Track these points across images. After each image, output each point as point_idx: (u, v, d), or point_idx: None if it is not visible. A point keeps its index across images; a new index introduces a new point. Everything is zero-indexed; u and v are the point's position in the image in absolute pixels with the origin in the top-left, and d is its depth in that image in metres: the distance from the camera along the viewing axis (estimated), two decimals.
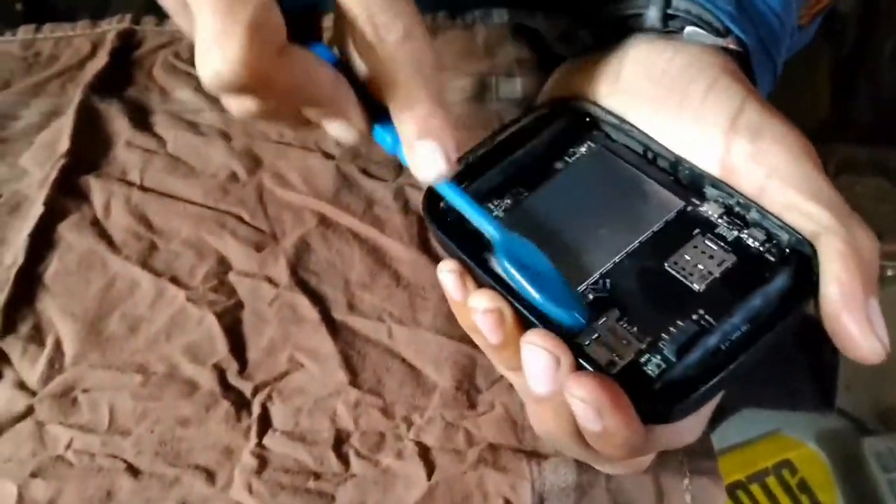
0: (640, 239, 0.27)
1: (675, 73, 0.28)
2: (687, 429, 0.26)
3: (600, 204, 0.28)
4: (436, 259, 0.37)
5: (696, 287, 0.25)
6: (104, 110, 0.43)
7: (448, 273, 0.25)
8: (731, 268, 0.25)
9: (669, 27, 0.31)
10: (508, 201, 0.29)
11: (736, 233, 0.26)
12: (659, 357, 0.24)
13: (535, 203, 0.28)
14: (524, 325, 0.24)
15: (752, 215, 0.26)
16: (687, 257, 0.26)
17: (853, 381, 0.71)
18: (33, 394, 0.33)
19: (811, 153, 0.26)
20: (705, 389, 0.22)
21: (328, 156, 0.41)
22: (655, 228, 0.27)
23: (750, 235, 0.26)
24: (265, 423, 0.32)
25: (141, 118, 0.43)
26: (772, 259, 0.25)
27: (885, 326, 0.23)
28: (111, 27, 0.48)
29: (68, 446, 0.32)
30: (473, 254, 0.26)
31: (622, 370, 0.23)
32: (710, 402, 0.25)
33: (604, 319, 0.25)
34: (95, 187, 0.40)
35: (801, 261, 0.25)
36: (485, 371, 0.33)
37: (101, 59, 0.46)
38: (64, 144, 0.41)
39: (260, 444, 0.31)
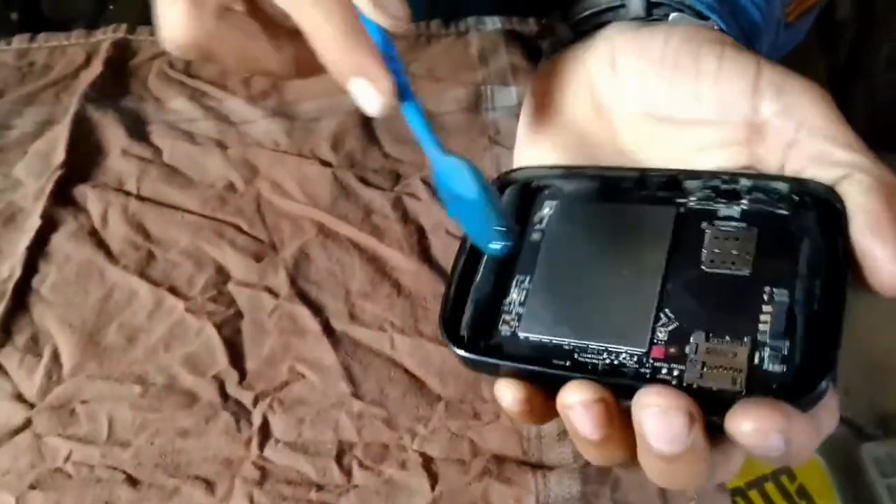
0: (665, 260, 0.25)
1: (675, 52, 0.28)
2: (835, 410, 0.23)
3: (601, 250, 0.27)
4: (437, 268, 0.36)
5: (745, 272, 0.24)
6: (99, 120, 0.43)
7: (515, 400, 0.24)
8: (760, 238, 0.25)
9: (654, 15, 0.30)
10: (517, 296, 0.27)
11: (739, 207, 0.26)
12: (769, 350, 0.22)
13: (543, 282, 0.27)
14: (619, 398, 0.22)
15: (743, 184, 0.26)
16: (715, 251, 0.25)
17: (852, 386, 0.71)
18: (31, 406, 0.33)
19: (833, 103, 0.25)
20: (834, 349, 0.21)
21: (324, 163, 0.41)
22: (669, 243, 0.26)
23: (753, 202, 0.26)
24: (266, 434, 0.32)
25: (136, 128, 0.43)
26: (787, 212, 0.25)
27: None
28: (106, 37, 0.48)
29: (67, 458, 0.32)
30: (540, 352, 0.25)
31: (749, 379, 0.22)
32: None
33: (696, 347, 0.23)
34: (92, 197, 0.40)
35: (812, 197, 0.24)
36: (490, 382, 0.32)
37: (96, 69, 0.45)
38: (59, 155, 0.41)
39: (261, 455, 0.31)
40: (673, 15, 0.30)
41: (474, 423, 0.32)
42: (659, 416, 0.21)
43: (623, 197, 0.28)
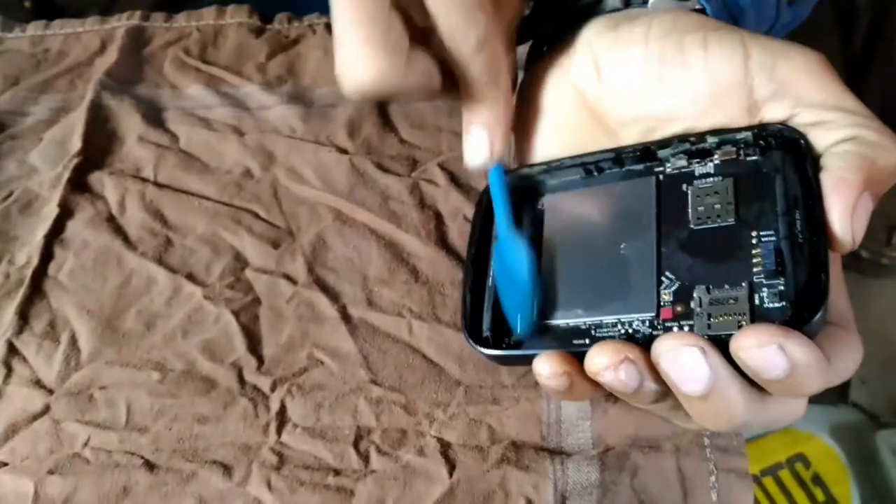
0: (655, 227, 0.27)
1: (658, 46, 0.27)
2: (853, 347, 0.25)
3: (597, 232, 0.28)
4: (454, 255, 0.36)
5: (731, 221, 0.26)
6: (115, 107, 0.43)
7: (552, 378, 0.25)
8: (736, 187, 0.26)
9: (633, 4, 0.30)
10: None
11: (711, 163, 0.27)
12: (766, 289, 0.24)
13: (550, 273, 0.28)
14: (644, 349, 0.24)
15: (710, 141, 0.27)
16: (700, 208, 0.26)
17: (867, 374, 0.71)
18: (50, 392, 0.33)
19: (825, 66, 0.26)
20: (825, 275, 0.22)
21: (341, 150, 0.41)
22: (656, 212, 0.27)
23: (723, 155, 0.27)
24: (284, 419, 0.32)
25: (153, 114, 0.43)
26: (756, 156, 0.27)
27: (865, 226, 0.23)
28: (120, 24, 0.48)
29: (85, 444, 0.32)
30: (562, 335, 0.26)
31: (754, 319, 0.23)
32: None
33: (699, 300, 0.25)
34: (109, 184, 0.40)
35: (776, 137, 0.26)
36: (509, 367, 0.32)
37: (111, 56, 0.45)
38: (76, 143, 0.41)
39: (279, 441, 0.31)
40: (652, 1, 0.30)
41: (493, 408, 0.32)
42: (673, 357, 0.22)
43: (605, 178, 0.29)
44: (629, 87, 0.28)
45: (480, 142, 0.28)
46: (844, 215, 0.23)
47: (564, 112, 0.30)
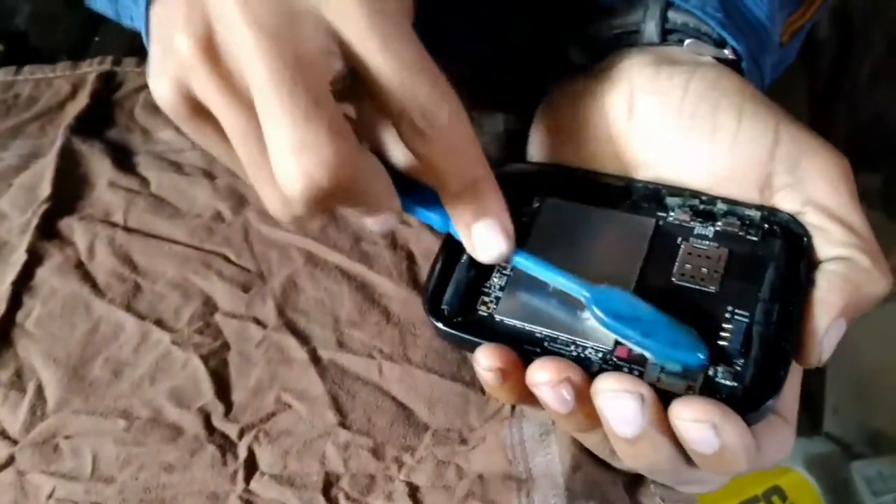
0: (639, 267, 0.27)
1: (695, 100, 0.28)
2: (787, 440, 0.25)
3: (582, 250, 0.28)
4: None
5: (711, 289, 0.26)
6: (86, 152, 0.43)
7: (489, 370, 0.24)
8: (729, 259, 0.27)
9: (668, 41, 0.31)
10: (498, 280, 0.28)
11: (713, 228, 0.27)
12: (723, 365, 0.24)
13: (523, 273, 0.27)
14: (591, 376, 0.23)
15: (719, 207, 0.27)
16: (687, 266, 0.27)
17: (840, 404, 0.72)
18: (14, 442, 0.33)
19: (845, 174, 0.26)
20: (784, 372, 0.23)
21: None
22: (645, 253, 0.27)
23: (726, 225, 0.27)
24: (252, 467, 0.32)
25: (123, 159, 0.43)
26: (756, 237, 0.27)
27: (833, 347, 0.24)
28: (92, 69, 0.48)
29: (50, 495, 0.31)
30: (509, 339, 0.26)
31: (702, 391, 0.24)
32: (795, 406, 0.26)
33: None
34: (79, 230, 0.40)
35: (781, 226, 0.26)
36: (478, 409, 0.32)
37: (82, 101, 0.46)
38: (45, 189, 0.41)
39: (247, 489, 0.31)
40: (688, 42, 0.30)
41: (461, 448, 0.31)
42: (613, 399, 0.22)
43: (608, 202, 0.29)
44: (656, 134, 0.28)
45: (492, 235, 0.25)
46: (816, 336, 0.24)
47: (588, 137, 0.30)
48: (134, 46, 0.50)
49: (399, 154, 0.26)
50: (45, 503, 0.31)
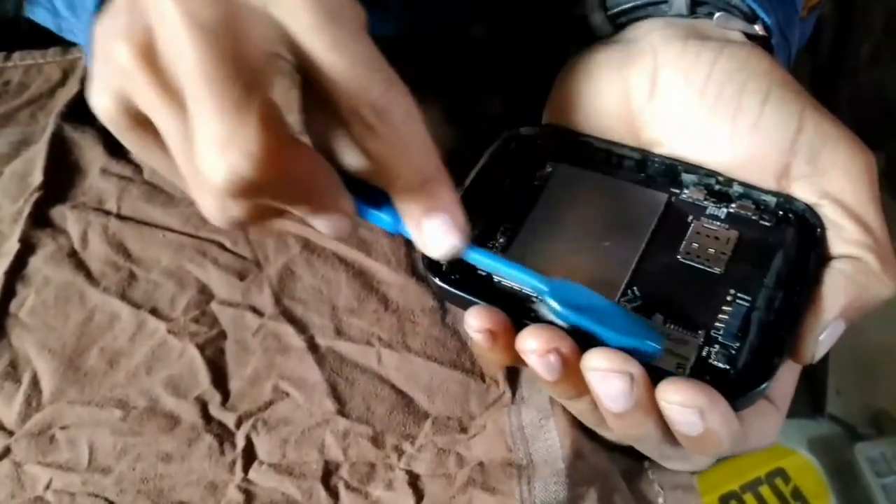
0: (645, 241, 0.27)
1: (720, 80, 0.27)
2: (773, 427, 0.25)
3: (590, 219, 0.28)
4: (424, 281, 0.36)
5: (716, 270, 0.26)
6: (77, 139, 0.42)
7: (479, 332, 0.24)
8: (739, 243, 0.26)
9: (697, 13, 0.30)
10: (502, 240, 0.28)
11: (726, 209, 0.27)
12: (719, 346, 0.24)
13: (527, 234, 0.28)
14: (582, 348, 0.23)
15: (735, 189, 0.27)
16: (694, 245, 0.26)
17: (843, 385, 0.71)
18: (10, 433, 0.32)
19: (869, 173, 0.26)
20: (778, 360, 0.23)
21: None
22: (653, 227, 0.27)
23: (740, 208, 0.27)
24: (250, 456, 0.31)
25: (116, 145, 0.42)
26: (769, 223, 0.27)
27: (827, 346, 0.24)
28: (82, 55, 0.47)
29: (47, 486, 0.31)
30: (506, 298, 0.25)
31: (693, 370, 0.24)
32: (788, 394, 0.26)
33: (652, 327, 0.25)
34: (71, 218, 0.39)
35: (796, 214, 0.26)
36: (478, 396, 0.32)
37: (73, 87, 0.45)
38: (37, 177, 0.40)
39: (246, 479, 0.31)
40: (718, 15, 0.29)
41: (461, 436, 0.31)
42: (603, 377, 0.22)
43: (622, 173, 0.29)
44: (677, 113, 0.28)
45: (443, 231, 0.24)
46: (813, 334, 0.24)
47: (607, 109, 0.29)
48: None
49: (349, 158, 0.25)
50: (43, 494, 0.31)
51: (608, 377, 0.22)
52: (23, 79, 0.46)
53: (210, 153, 0.20)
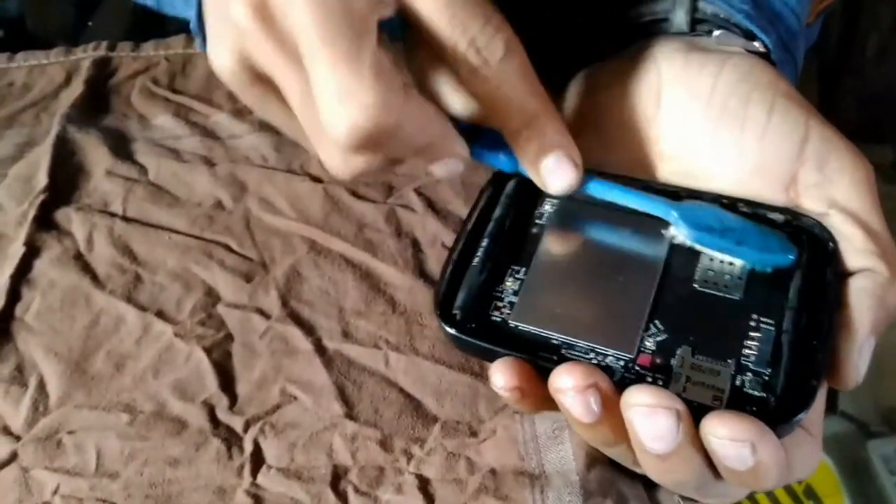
0: (660, 272, 0.26)
1: (725, 91, 0.27)
2: (814, 455, 0.25)
3: (598, 253, 0.27)
4: (432, 283, 0.35)
5: (735, 297, 0.25)
6: (82, 140, 0.42)
7: (507, 391, 0.23)
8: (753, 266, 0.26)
9: (697, 31, 0.30)
10: (512, 285, 0.27)
11: None
12: (751, 374, 0.23)
13: (538, 277, 0.27)
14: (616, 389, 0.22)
15: (741, 209, 0.26)
16: (710, 272, 0.26)
17: None
18: (17, 438, 0.32)
19: (871, 181, 0.26)
20: (816, 382, 0.22)
21: (315, 179, 0.40)
22: (665, 256, 0.26)
23: None
24: (258, 460, 0.31)
25: (121, 147, 0.42)
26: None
27: (866, 364, 0.24)
28: (86, 55, 0.47)
29: (55, 492, 0.31)
30: (529, 343, 0.25)
31: (730, 401, 0.23)
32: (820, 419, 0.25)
33: (681, 360, 0.24)
34: (76, 220, 0.39)
35: (807, 230, 0.25)
36: (487, 400, 0.32)
37: (77, 88, 0.45)
38: (42, 180, 0.40)
39: (254, 483, 0.30)
40: (717, 33, 0.29)
41: (471, 440, 0.31)
42: (647, 414, 0.21)
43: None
44: (683, 125, 0.28)
45: (562, 166, 0.25)
46: (851, 360, 0.23)
47: (612, 124, 0.29)
48: (128, 31, 0.49)
49: (458, 103, 0.26)
50: (50, 500, 0.30)
51: (654, 414, 0.21)
52: (26, 80, 0.46)
53: (330, 108, 0.21)
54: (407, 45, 0.26)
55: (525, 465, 0.30)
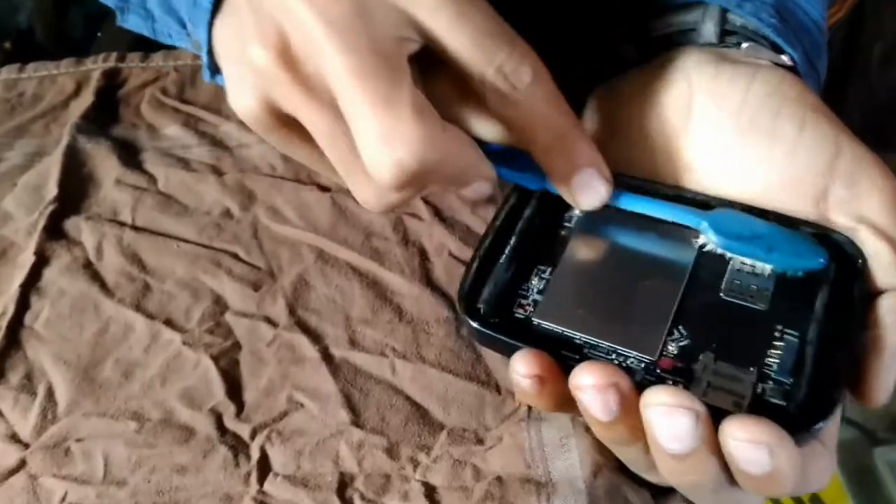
0: (686, 279, 0.26)
1: (755, 105, 0.27)
2: (827, 468, 0.25)
3: (625, 257, 0.27)
4: (439, 292, 0.36)
5: (760, 307, 0.25)
6: (91, 150, 0.43)
7: (527, 377, 0.23)
8: (780, 278, 0.26)
9: (725, 42, 0.30)
10: (537, 283, 0.27)
11: None
12: (772, 383, 0.23)
13: (564, 278, 0.27)
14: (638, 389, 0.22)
15: (772, 219, 0.26)
16: (736, 282, 0.26)
17: None
18: (26, 446, 0.32)
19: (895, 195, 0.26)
20: (837, 394, 0.22)
21: (323, 188, 0.40)
22: (692, 264, 0.27)
23: None
24: (265, 468, 0.31)
25: (130, 156, 0.43)
26: None
27: (893, 381, 0.24)
28: (96, 66, 0.47)
29: (63, 499, 0.31)
30: (551, 340, 0.25)
31: (751, 407, 0.23)
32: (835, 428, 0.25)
33: (703, 365, 0.24)
34: (86, 229, 0.39)
35: (836, 244, 0.26)
36: (494, 408, 0.32)
37: (87, 98, 0.45)
38: (52, 189, 0.40)
39: (261, 490, 0.30)
40: (745, 45, 0.29)
41: (478, 448, 0.31)
42: (666, 414, 0.21)
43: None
44: (712, 136, 0.28)
45: (593, 183, 0.26)
46: (881, 378, 0.23)
47: (641, 135, 0.29)
48: (138, 41, 0.50)
49: (485, 128, 0.26)
50: None
51: (673, 413, 0.21)
52: (37, 90, 0.47)
53: (373, 151, 0.21)
54: (423, 74, 0.25)
55: (531, 473, 0.30)
